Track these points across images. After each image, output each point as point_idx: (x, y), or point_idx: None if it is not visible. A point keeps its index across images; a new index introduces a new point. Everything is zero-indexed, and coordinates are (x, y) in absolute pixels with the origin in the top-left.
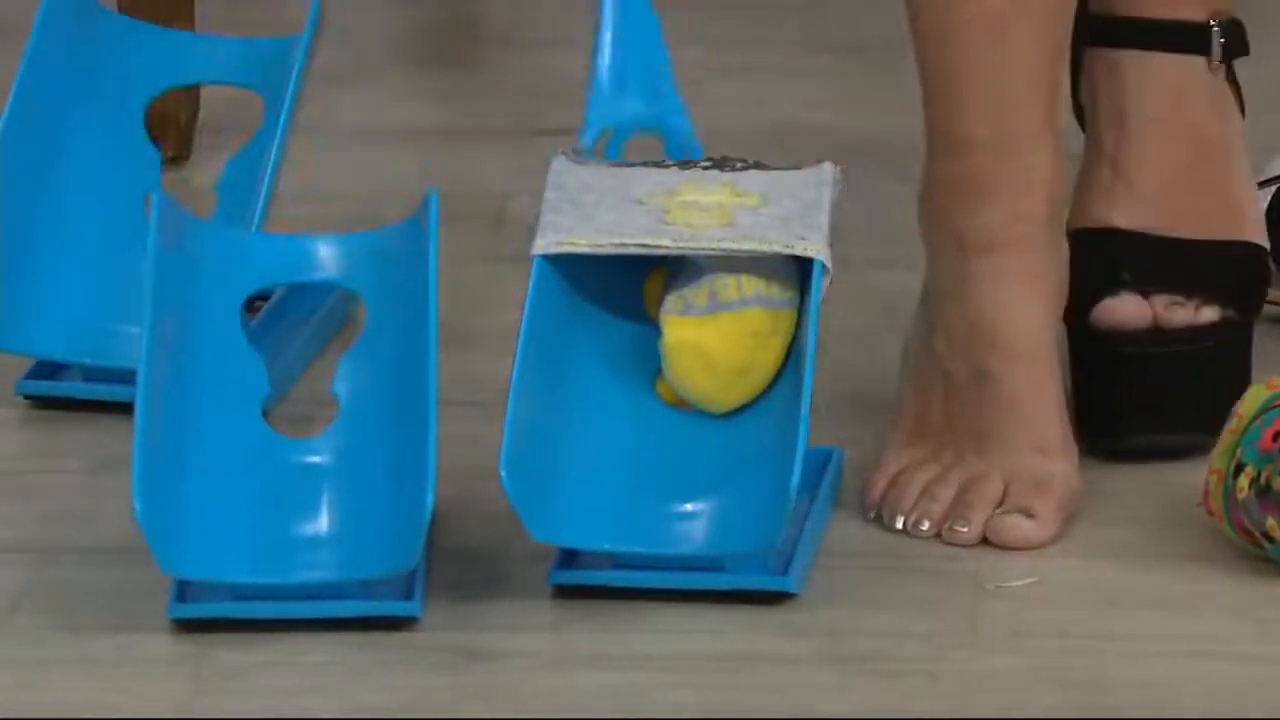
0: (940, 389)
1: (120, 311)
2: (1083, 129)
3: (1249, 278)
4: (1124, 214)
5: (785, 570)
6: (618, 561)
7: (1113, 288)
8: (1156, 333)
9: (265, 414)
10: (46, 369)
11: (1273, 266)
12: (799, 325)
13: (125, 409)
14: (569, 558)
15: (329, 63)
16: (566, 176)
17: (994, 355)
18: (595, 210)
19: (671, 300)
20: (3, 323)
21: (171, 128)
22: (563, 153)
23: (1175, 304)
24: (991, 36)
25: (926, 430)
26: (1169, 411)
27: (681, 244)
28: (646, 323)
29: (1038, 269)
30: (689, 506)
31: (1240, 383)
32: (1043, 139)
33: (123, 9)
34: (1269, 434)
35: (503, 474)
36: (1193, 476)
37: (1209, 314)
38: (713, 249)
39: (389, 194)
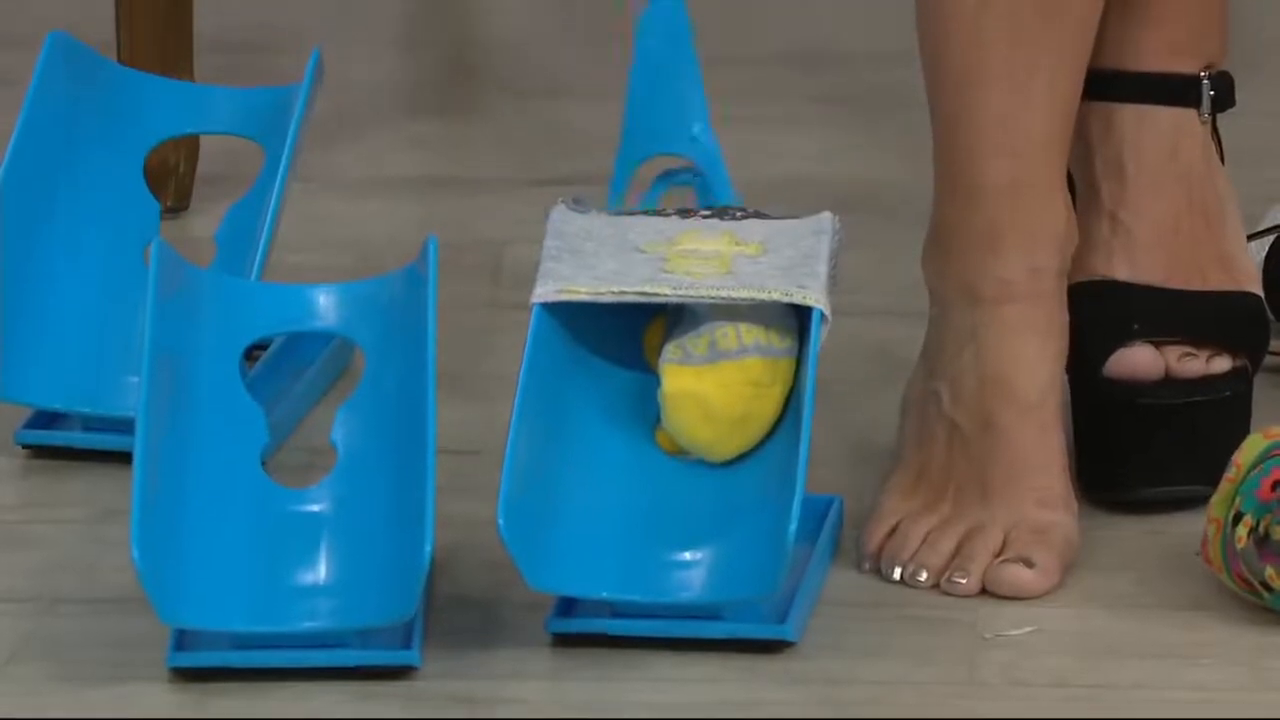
0: (943, 439)
1: (119, 361)
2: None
3: (1254, 327)
4: (1125, 266)
5: (784, 619)
6: (616, 610)
7: (1125, 339)
8: (1171, 384)
9: (264, 463)
10: (46, 418)
11: (1271, 314)
12: (797, 374)
13: (124, 458)
14: (567, 606)
15: (328, 112)
16: (566, 225)
17: (1004, 406)
18: (595, 258)
19: (671, 349)
20: (2, 373)
21: (171, 178)
22: (562, 201)
23: (1188, 355)
24: (1013, 87)
25: (926, 479)
26: (1182, 463)
27: (681, 292)
28: (646, 371)
29: (1048, 321)
30: (687, 555)
31: (1243, 432)
32: (1056, 191)
33: (123, 60)
34: (1267, 483)
35: (500, 522)
36: (1191, 525)
37: (1221, 364)
38: (712, 297)
39: (387, 243)
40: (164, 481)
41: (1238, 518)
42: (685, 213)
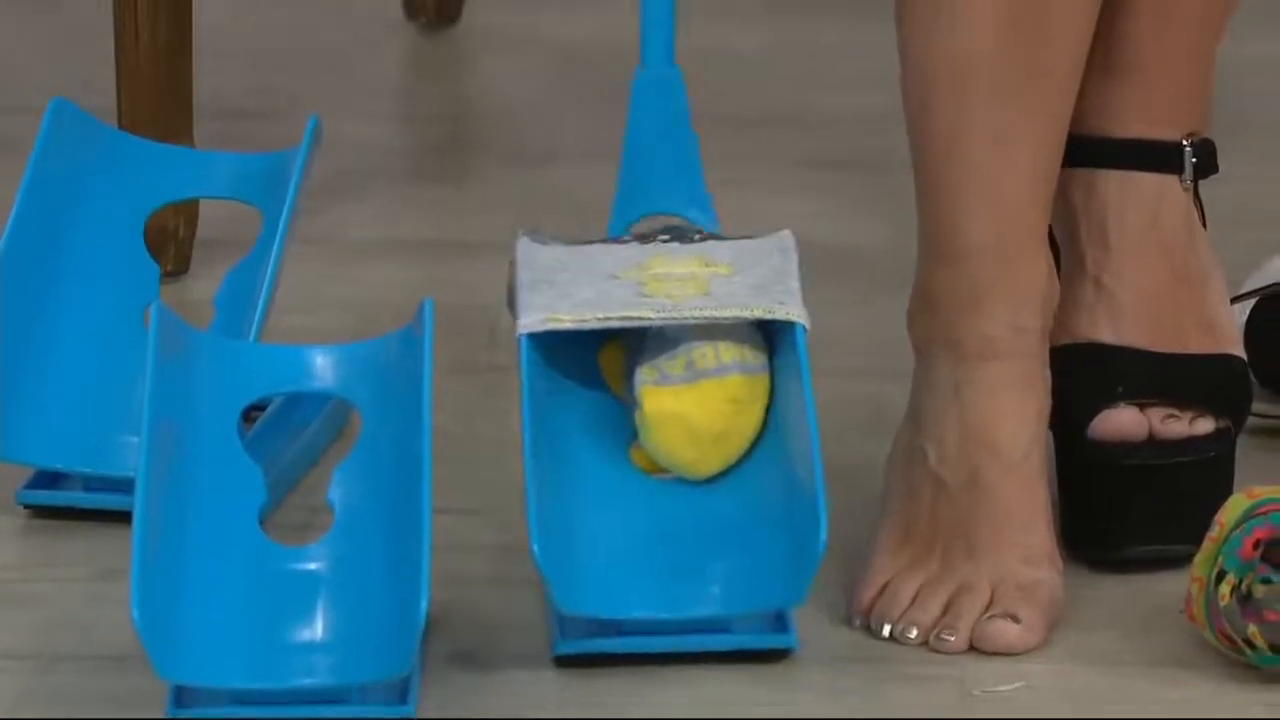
0: (929, 495)
1: (119, 421)
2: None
3: (1236, 390)
4: (1110, 330)
5: (784, 628)
6: (623, 629)
7: (1110, 401)
8: (1155, 445)
9: (262, 521)
10: (47, 479)
11: (1252, 376)
12: (773, 390)
13: (124, 518)
14: (569, 628)
15: (326, 177)
16: (535, 256)
17: (989, 463)
18: (572, 288)
19: (645, 372)
20: (3, 433)
21: (171, 242)
22: (523, 234)
23: (1171, 416)
24: (997, 147)
25: (913, 536)
26: (1166, 522)
27: (665, 314)
28: (610, 394)
29: (1030, 379)
30: (700, 569)
31: (1229, 492)
32: (1038, 251)
33: (123, 126)
34: (1249, 542)
35: (534, 548)
36: (1174, 584)
37: (1204, 425)
38: (696, 317)
39: (384, 305)
40: (163, 540)
41: (1221, 576)
42: (644, 238)
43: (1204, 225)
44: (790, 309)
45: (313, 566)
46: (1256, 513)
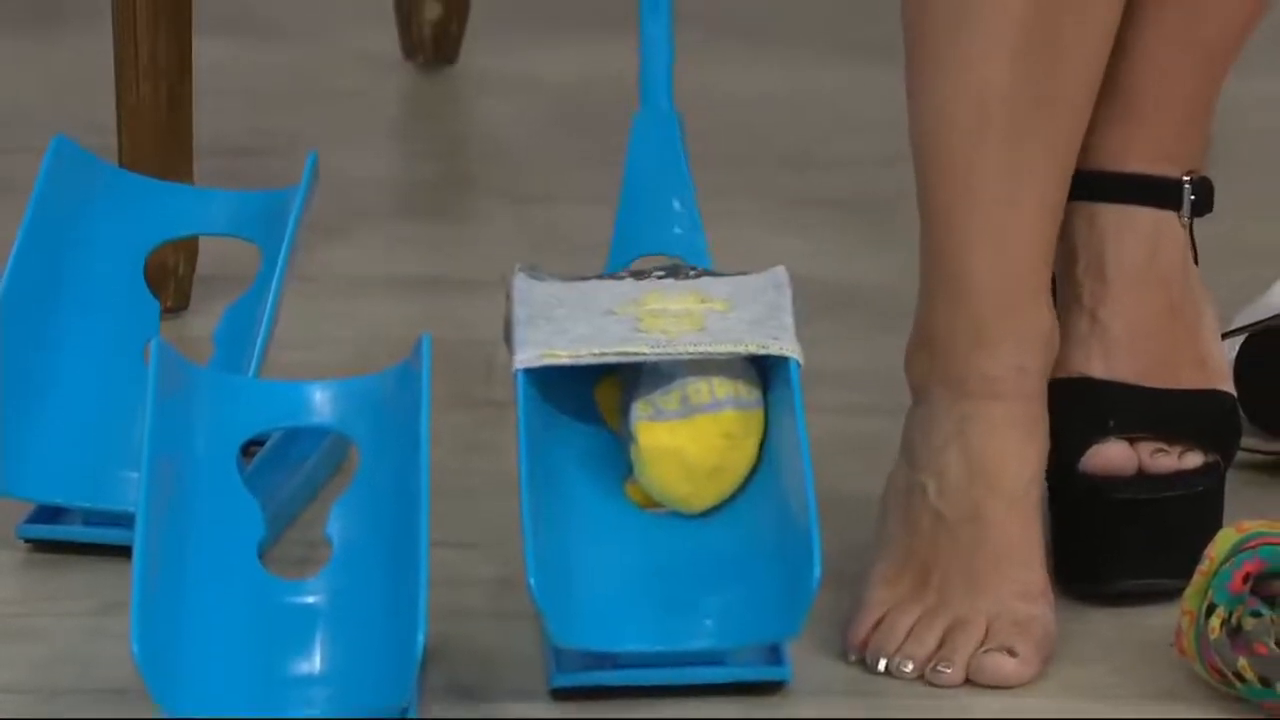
0: (928, 529)
1: (120, 456)
2: None
3: (1226, 425)
4: (1102, 364)
5: (779, 661)
6: (619, 661)
7: (1100, 436)
8: (1144, 479)
9: (261, 555)
10: (48, 513)
11: (1242, 412)
12: (766, 425)
13: (124, 552)
14: (566, 660)
15: (324, 214)
16: (531, 292)
17: (991, 499)
18: (568, 323)
19: (640, 407)
20: (5, 468)
21: (170, 278)
22: (520, 270)
23: (1160, 451)
24: (1008, 186)
25: (910, 569)
26: (1156, 556)
27: (660, 350)
28: (605, 428)
29: (1033, 417)
30: (695, 603)
31: (1218, 526)
32: (1041, 294)
33: (124, 164)
34: (1239, 576)
35: (531, 582)
36: (1165, 617)
37: (1193, 460)
38: (691, 353)
39: (382, 341)
40: (163, 574)
41: (1211, 609)
42: (640, 274)
43: (1196, 263)
44: (784, 344)
45: (311, 600)
46: (1245, 546)
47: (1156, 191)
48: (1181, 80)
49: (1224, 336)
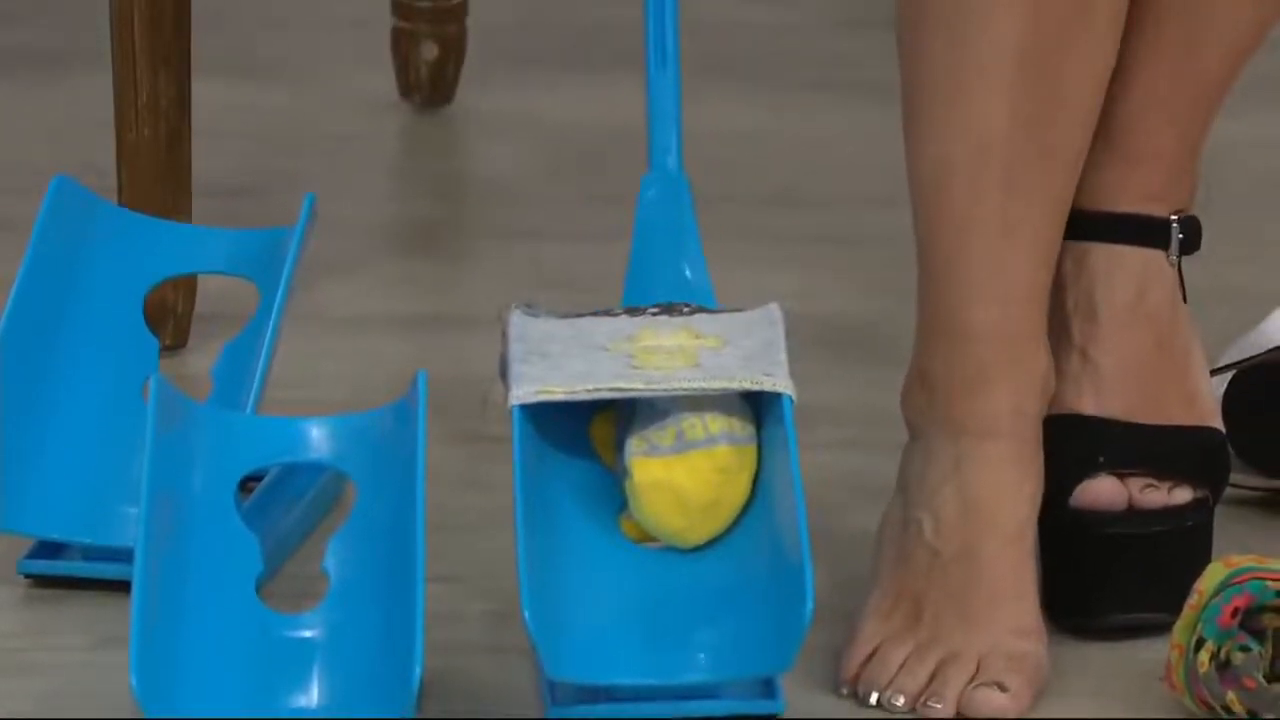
0: (923, 565)
1: (119, 492)
2: None
3: (1215, 461)
4: (1093, 401)
5: (772, 694)
6: (613, 695)
7: (1091, 471)
8: (1133, 514)
9: (259, 590)
10: (48, 548)
11: (1230, 448)
12: (760, 461)
13: (123, 587)
14: (560, 694)
15: (321, 253)
16: (527, 329)
17: (987, 536)
18: (563, 359)
19: (635, 443)
20: (5, 504)
21: (169, 316)
22: (516, 307)
23: (1150, 486)
24: (1003, 235)
25: (903, 605)
26: (1146, 590)
27: (654, 386)
28: (600, 464)
29: (1029, 457)
30: (691, 637)
31: (1208, 560)
32: (1038, 338)
33: (123, 203)
34: (1228, 610)
35: (526, 615)
36: (1154, 651)
37: (1182, 495)
38: (686, 389)
39: (378, 379)
40: (162, 608)
41: (1200, 644)
42: (634, 311)
43: (1184, 300)
44: (777, 380)
45: (308, 634)
46: (1234, 581)
47: (1145, 231)
48: (1175, 121)
49: (1213, 373)
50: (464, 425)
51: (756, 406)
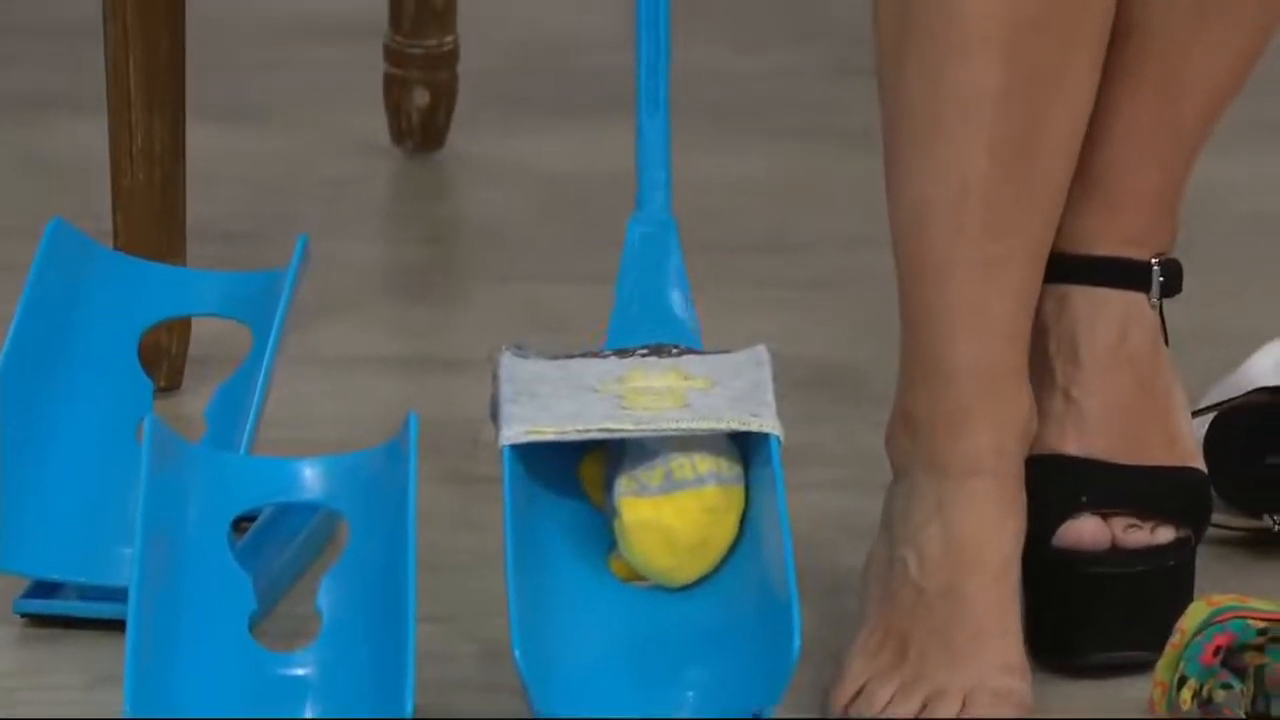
0: (909, 603)
1: (114, 532)
2: None
3: (1197, 501)
4: (1076, 441)
5: None
6: None
7: (1074, 511)
8: (1116, 553)
9: (252, 629)
10: (43, 588)
11: (1212, 488)
12: (748, 501)
13: (118, 626)
14: None
15: (314, 296)
16: (517, 370)
17: (971, 574)
18: (552, 400)
19: (624, 483)
20: (1, 543)
21: (164, 358)
22: (506, 348)
23: (1133, 526)
24: (985, 276)
25: (890, 643)
26: (1129, 629)
27: (643, 426)
28: (589, 503)
29: (1011, 495)
30: (677, 674)
31: (1190, 599)
32: (1021, 375)
33: (118, 246)
34: (1210, 649)
35: (516, 654)
36: (1139, 689)
37: (1164, 535)
38: (674, 429)
39: (370, 420)
40: (156, 648)
41: (1182, 681)
42: (623, 353)
43: (1166, 343)
44: (765, 421)
45: (301, 672)
46: (1216, 620)
47: (1127, 274)
48: (1155, 165)
49: (1195, 414)
50: (455, 465)
51: (744, 447)
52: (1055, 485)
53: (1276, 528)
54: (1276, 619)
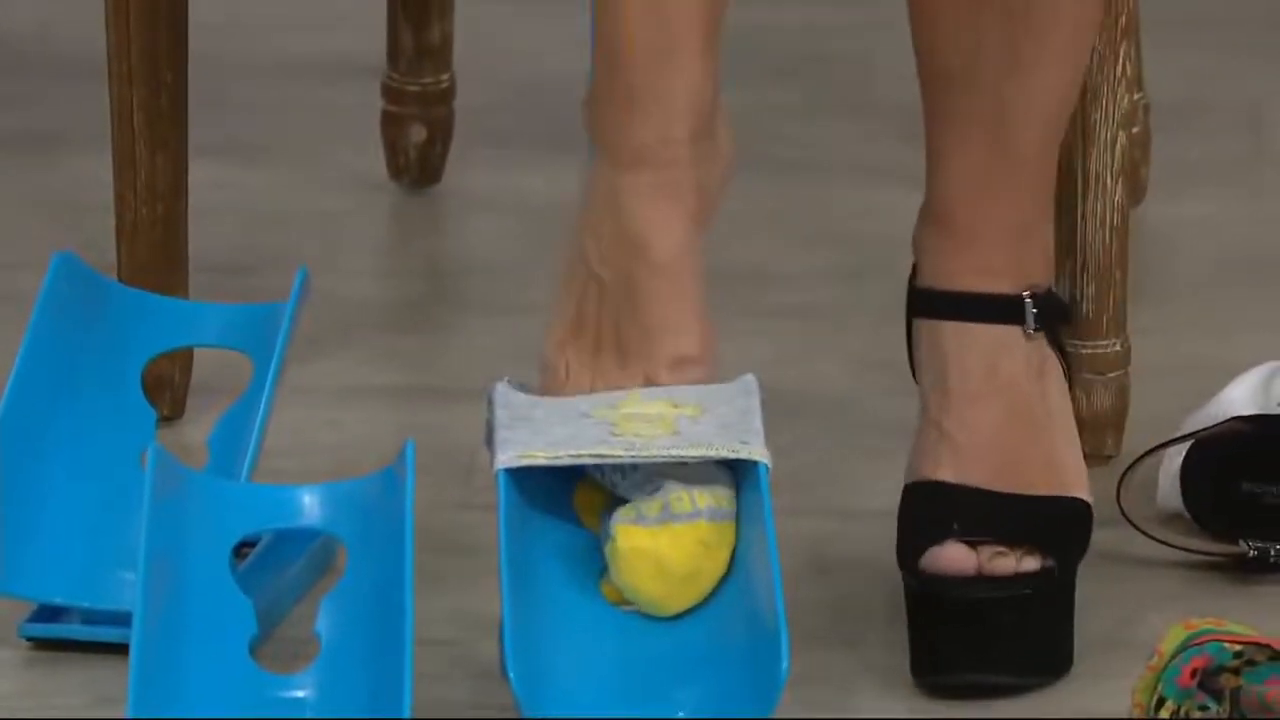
0: (593, 294)
1: (118, 557)
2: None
3: (1069, 531)
4: (951, 470)
5: None
6: None
7: (942, 538)
8: (979, 580)
9: (252, 652)
10: (48, 612)
11: (1188, 515)
12: (738, 526)
13: (122, 649)
14: None
15: (313, 327)
16: (511, 398)
17: (639, 266)
18: (546, 425)
19: (624, 510)
20: (7, 569)
21: (166, 388)
22: (503, 381)
23: (999, 554)
24: None
25: (584, 329)
26: (989, 653)
27: (634, 453)
28: (581, 528)
29: (682, 186)
30: (667, 695)
31: (1059, 627)
32: (696, 60)
33: (122, 279)
34: (1187, 671)
35: (510, 675)
36: (1114, 705)
37: (1030, 563)
38: (664, 456)
39: (368, 447)
40: (158, 669)
41: (1160, 703)
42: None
43: (1067, 371)
44: (753, 448)
45: (300, 694)
46: (1193, 643)
47: (994, 308)
48: (1000, 199)
49: (1169, 444)
50: (450, 492)
51: (733, 472)
52: (926, 512)
53: (1252, 553)
54: (1252, 642)
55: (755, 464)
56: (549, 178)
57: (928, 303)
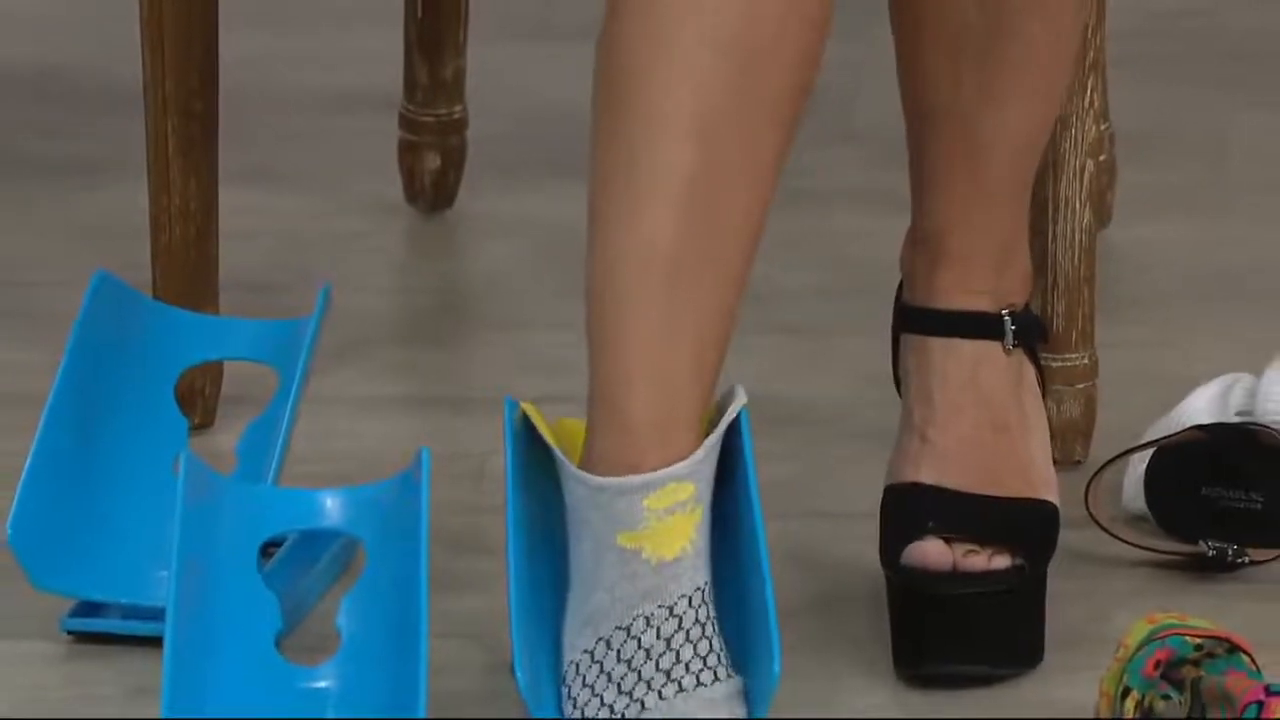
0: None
1: (153, 556)
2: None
3: (1039, 531)
4: (931, 473)
5: None
6: None
7: (920, 534)
8: (954, 576)
9: (278, 645)
10: (88, 607)
11: (1151, 517)
12: (728, 530)
13: (157, 642)
14: None
15: (335, 341)
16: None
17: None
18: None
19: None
20: (52, 566)
21: (198, 398)
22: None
23: (972, 551)
24: (664, 329)
25: None
26: (964, 645)
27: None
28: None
29: None
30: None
31: (1031, 621)
32: (695, 424)
33: (157, 296)
34: (1151, 662)
35: (517, 674)
36: (1083, 694)
37: (1001, 561)
38: None
39: (385, 454)
40: (191, 661)
41: (1126, 693)
42: None
43: (1042, 383)
44: (734, 407)
45: (323, 684)
46: (1157, 636)
47: (975, 325)
48: (978, 227)
49: (1134, 450)
50: (462, 496)
51: (726, 490)
52: (907, 511)
53: (1211, 553)
54: (1211, 635)
55: (746, 486)
56: (553, 200)
57: (914, 319)
